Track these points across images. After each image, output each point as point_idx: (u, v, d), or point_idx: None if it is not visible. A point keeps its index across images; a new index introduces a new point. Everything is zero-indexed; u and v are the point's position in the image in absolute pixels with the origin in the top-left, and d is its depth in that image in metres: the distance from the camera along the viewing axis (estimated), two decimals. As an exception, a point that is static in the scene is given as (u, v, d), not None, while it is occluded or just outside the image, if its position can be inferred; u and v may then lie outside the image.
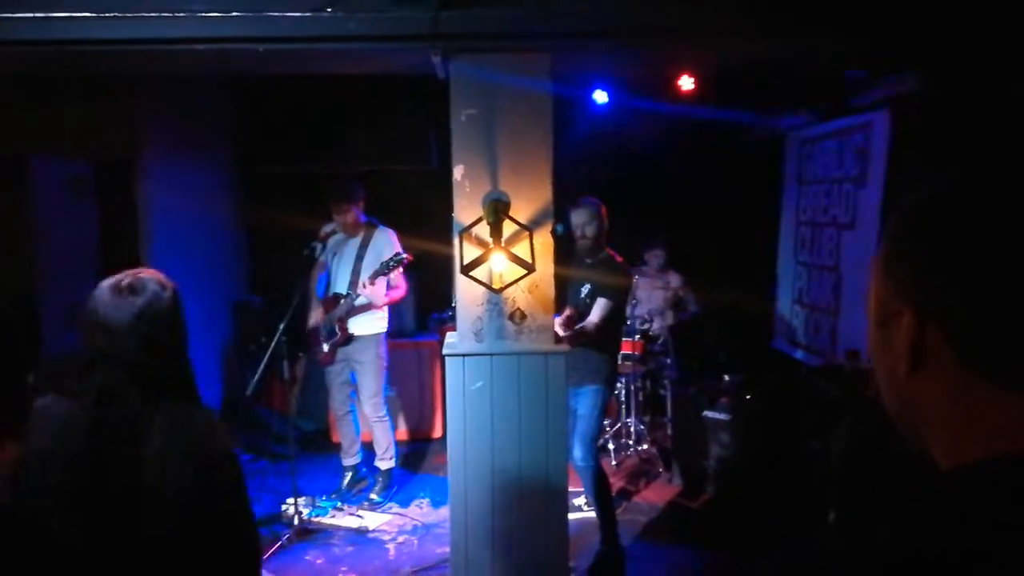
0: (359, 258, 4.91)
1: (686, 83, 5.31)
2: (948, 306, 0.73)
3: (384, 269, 4.70)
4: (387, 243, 4.91)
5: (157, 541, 1.74)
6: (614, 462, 5.75)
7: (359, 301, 4.85)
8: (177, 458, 1.75)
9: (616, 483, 5.28)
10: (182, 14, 3.12)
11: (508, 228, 3.40)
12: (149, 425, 1.75)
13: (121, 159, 4.67)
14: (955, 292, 0.72)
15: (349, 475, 5.24)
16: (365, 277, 4.76)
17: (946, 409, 0.75)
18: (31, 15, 3.08)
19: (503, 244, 3.33)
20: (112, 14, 3.09)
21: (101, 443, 1.71)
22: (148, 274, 1.90)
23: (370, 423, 5.13)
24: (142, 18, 3.10)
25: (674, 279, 6.27)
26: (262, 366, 4.56)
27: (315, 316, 5.11)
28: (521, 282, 3.45)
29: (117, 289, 1.82)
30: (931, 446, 0.78)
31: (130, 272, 1.89)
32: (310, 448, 5.78)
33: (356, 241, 4.96)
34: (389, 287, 4.89)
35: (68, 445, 1.71)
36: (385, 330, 5.06)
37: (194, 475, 1.77)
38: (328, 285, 5.10)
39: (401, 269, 4.76)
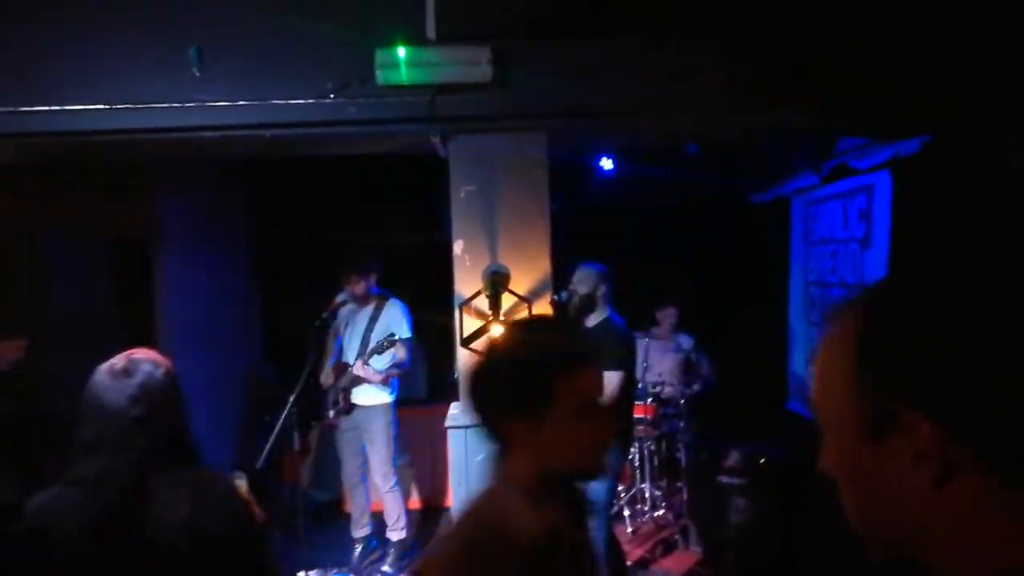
0: (369, 329, 5.00)
1: (690, 149, 5.42)
2: (975, 416, 0.66)
3: (378, 349, 4.79)
4: (396, 316, 4.99)
5: None
6: (630, 529, 5.65)
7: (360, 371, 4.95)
8: (205, 521, 1.82)
9: (633, 551, 5.19)
10: (191, 104, 3.27)
11: (507, 300, 3.45)
12: (164, 498, 1.80)
13: (137, 237, 4.82)
14: (981, 401, 0.66)
15: (360, 547, 5.21)
16: (369, 348, 4.85)
17: (967, 520, 0.68)
18: (47, 108, 3.25)
19: (502, 316, 3.38)
20: (124, 105, 3.25)
21: (109, 527, 1.77)
22: (142, 354, 1.95)
23: (381, 493, 5.12)
24: (152, 109, 3.25)
25: (685, 341, 6.25)
26: (272, 437, 4.59)
27: (326, 380, 5.18)
28: (522, 354, 3.48)
29: (112, 373, 1.87)
30: (937, 558, 0.72)
31: (126, 354, 1.94)
32: (322, 519, 5.75)
33: (368, 312, 5.05)
34: (394, 362, 4.95)
35: (78, 533, 1.76)
36: (392, 400, 5.09)
37: (223, 534, 1.84)
38: (341, 352, 5.18)
39: (399, 346, 4.83)
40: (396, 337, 4.78)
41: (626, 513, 5.75)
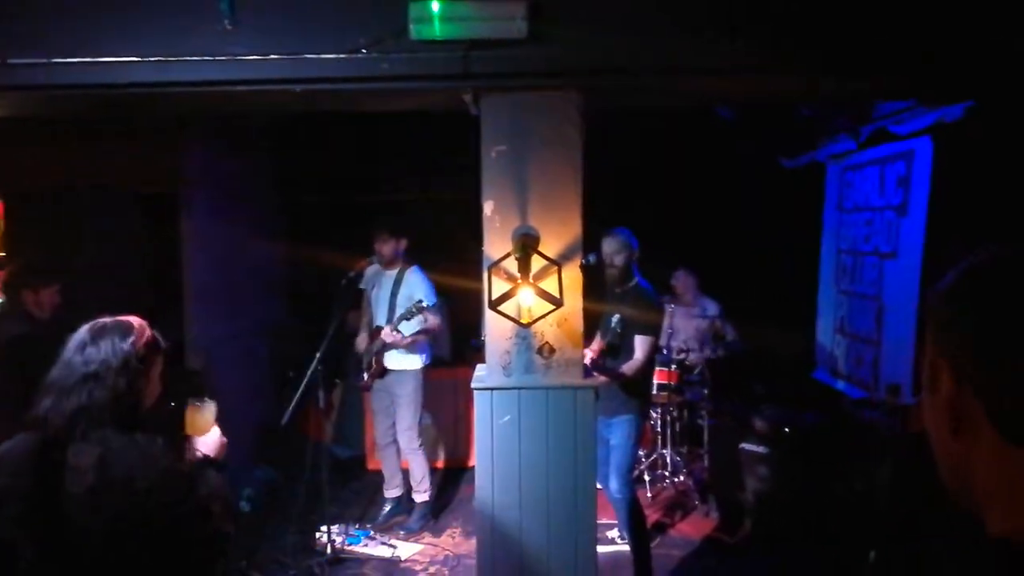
0: (393, 294, 5.06)
1: (723, 113, 5.30)
2: (985, 377, 0.75)
3: (406, 315, 4.85)
4: (416, 282, 5.06)
5: (101, 569, 1.83)
6: (649, 494, 5.68)
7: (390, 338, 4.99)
8: (104, 491, 1.83)
9: (652, 515, 5.21)
10: (223, 57, 3.22)
11: (537, 263, 3.41)
12: (86, 459, 1.84)
13: (166, 191, 4.82)
14: (992, 365, 0.74)
15: (389, 507, 5.27)
16: (398, 315, 4.90)
17: (989, 476, 0.76)
18: (78, 60, 3.21)
19: (531, 279, 3.34)
20: (155, 58, 3.21)
21: (44, 478, 1.83)
22: (124, 322, 2.01)
23: (405, 454, 5.19)
24: (184, 62, 3.21)
25: (711, 307, 6.19)
26: (298, 394, 4.63)
27: (361, 343, 5.22)
28: (550, 316, 3.45)
29: (88, 329, 1.97)
30: (977, 509, 0.79)
31: (114, 318, 2.02)
32: (345, 476, 5.82)
33: (392, 276, 5.09)
34: (422, 327, 4.99)
35: (22, 480, 1.84)
36: (422, 365, 5.13)
37: (121, 505, 1.84)
38: (372, 316, 5.23)
39: (425, 311, 4.86)
40: (424, 304, 4.80)
41: (646, 478, 5.76)
